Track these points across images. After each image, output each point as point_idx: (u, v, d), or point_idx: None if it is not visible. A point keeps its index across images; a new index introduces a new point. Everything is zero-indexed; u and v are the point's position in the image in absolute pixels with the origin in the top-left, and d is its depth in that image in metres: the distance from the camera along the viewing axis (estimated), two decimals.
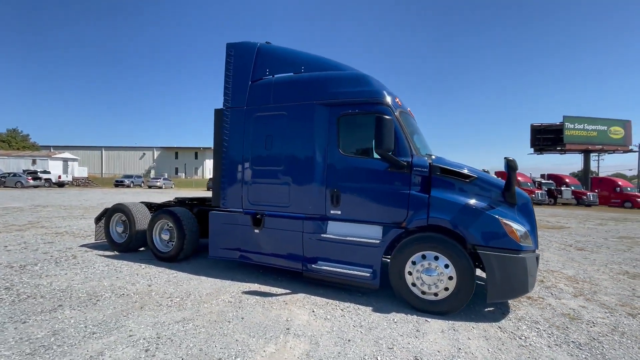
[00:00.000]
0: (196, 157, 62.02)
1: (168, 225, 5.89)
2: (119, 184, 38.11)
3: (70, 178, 37.46)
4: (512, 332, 3.47)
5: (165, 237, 5.87)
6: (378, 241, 4.13)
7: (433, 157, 4.27)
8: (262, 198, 4.93)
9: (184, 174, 59.79)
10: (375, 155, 4.26)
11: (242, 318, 3.59)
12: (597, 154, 48.26)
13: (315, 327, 3.43)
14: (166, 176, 47.71)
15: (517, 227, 3.67)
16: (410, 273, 3.95)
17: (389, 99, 4.31)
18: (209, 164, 63.13)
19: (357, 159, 4.43)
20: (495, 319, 3.82)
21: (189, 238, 5.65)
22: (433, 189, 3.97)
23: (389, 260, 4.19)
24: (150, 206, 6.73)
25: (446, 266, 3.77)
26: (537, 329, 3.58)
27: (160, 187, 37.29)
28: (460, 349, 3.07)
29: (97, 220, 6.81)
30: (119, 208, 6.42)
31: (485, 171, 4.46)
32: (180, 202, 6.76)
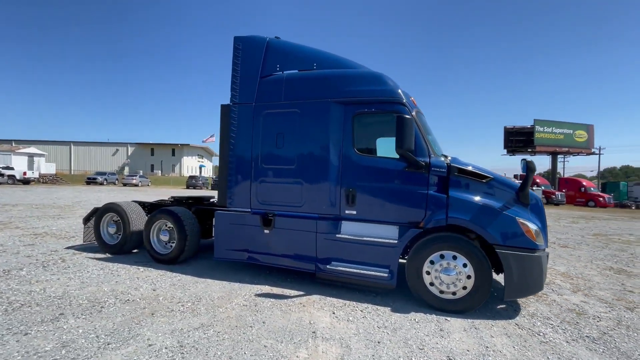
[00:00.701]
0: (173, 154, 59.93)
1: (167, 225, 5.61)
2: (91, 181, 36.00)
3: (36, 175, 35.01)
4: (529, 329, 3.57)
5: (164, 238, 5.59)
6: (396, 241, 4.12)
7: (449, 157, 4.31)
8: (272, 198, 4.79)
9: (160, 172, 57.61)
10: (389, 155, 4.26)
11: (263, 322, 3.46)
12: (563, 156, 51.32)
13: (340, 329, 3.37)
14: (141, 173, 45.77)
15: (533, 227, 3.78)
16: (428, 273, 3.98)
17: (405, 99, 4.31)
18: (186, 162, 61.30)
19: (373, 159, 4.40)
20: (509, 316, 3.92)
21: (191, 239, 5.41)
22: (451, 189, 4.01)
23: (402, 261, 4.20)
24: (143, 205, 6.39)
25: (464, 265, 3.83)
26: (551, 325, 3.71)
27: (136, 185, 35.70)
28: (487, 347, 3.12)
29: (86, 220, 6.38)
30: (111, 207, 6.04)
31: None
32: (177, 201, 6.47)
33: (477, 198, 3.94)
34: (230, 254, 5.04)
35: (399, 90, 4.35)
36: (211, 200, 7.11)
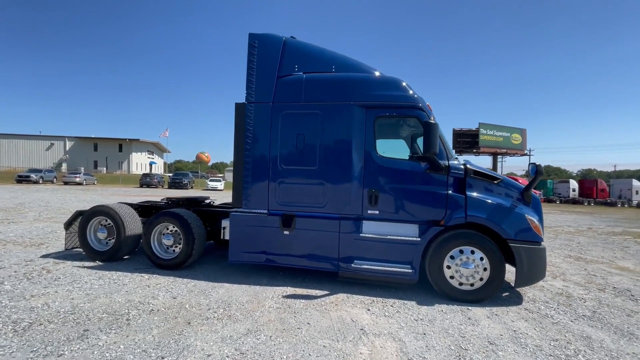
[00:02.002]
0: (120, 150, 54.99)
1: (169, 229, 5.29)
2: (23, 179, 31.41)
3: None
4: (538, 312, 4.06)
5: (168, 242, 5.26)
6: (418, 239, 4.38)
7: (462, 160, 4.68)
8: (293, 198, 4.77)
9: (105, 168, 52.51)
10: (401, 156, 4.55)
11: (307, 323, 3.49)
12: (501, 156, 57.08)
13: (383, 325, 3.53)
14: (83, 171, 41.32)
15: (537, 222, 4.29)
16: (448, 267, 4.31)
17: (423, 104, 4.59)
18: (136, 158, 56.74)
19: (395, 160, 4.61)
20: (516, 302, 4.40)
21: (198, 243, 5.18)
22: (468, 189, 4.37)
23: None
24: (134, 208, 5.92)
25: (481, 259, 4.22)
26: (552, 307, 4.26)
27: (80, 184, 32.12)
28: (515, 330, 3.50)
29: (68, 225, 5.73)
30: (101, 210, 5.51)
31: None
32: (174, 202, 6.11)
33: (490, 198, 4.35)
34: (246, 256, 4.92)
35: (419, 96, 4.61)
36: (206, 201, 6.83)
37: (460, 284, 4.28)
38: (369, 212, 4.57)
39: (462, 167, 4.42)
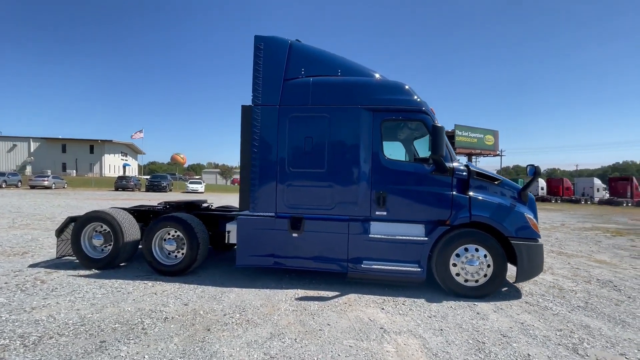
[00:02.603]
0: (92, 152, 52.27)
1: (171, 234, 5.15)
2: None
3: None
4: (538, 305, 4.32)
5: (170, 247, 5.11)
6: (426, 238, 4.54)
7: (464, 162, 4.89)
8: (301, 201, 4.79)
9: (74, 171, 49.69)
10: (402, 158, 4.69)
11: (328, 324, 3.54)
12: (475, 157, 59.56)
13: (401, 323, 3.64)
14: (49, 173, 38.87)
15: (535, 220, 4.57)
16: (454, 265, 4.49)
17: (427, 108, 4.75)
18: (108, 160, 54.21)
19: (402, 163, 4.76)
20: (516, 296, 4.65)
21: (203, 247, 5.08)
22: (471, 190, 4.58)
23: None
24: (130, 212, 5.71)
25: (485, 256, 4.43)
26: (549, 300, 4.54)
27: (49, 188, 30.20)
28: (522, 323, 3.72)
29: (59, 232, 5.43)
30: (96, 216, 5.27)
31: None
32: (172, 207, 5.94)
33: (492, 198, 4.58)
34: (254, 260, 4.88)
35: (423, 101, 4.77)
36: (204, 205, 6.69)
37: (466, 280, 4.47)
38: (377, 213, 4.68)
39: (465, 168, 4.62)
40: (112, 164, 55.40)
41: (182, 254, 5.13)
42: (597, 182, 45.88)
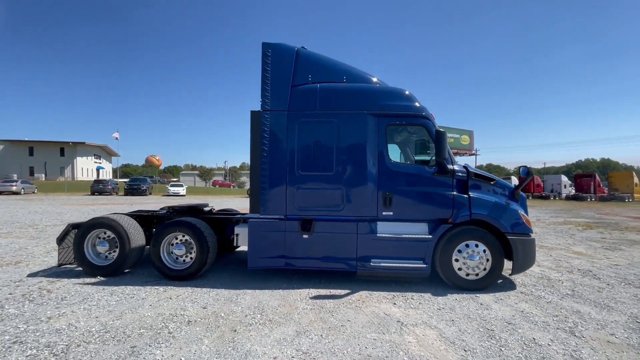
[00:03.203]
0: (62, 154, 49.66)
1: (179, 238, 5.16)
2: None
3: None
4: (532, 294, 4.71)
5: (179, 252, 5.13)
6: (430, 236, 4.82)
7: (462, 164, 5.23)
8: (311, 203, 4.96)
9: (43, 175, 47.03)
10: (402, 160, 4.99)
11: (348, 320, 3.73)
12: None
13: (415, 316, 3.88)
14: (16, 178, 36.57)
15: (527, 217, 4.97)
16: (457, 260, 4.80)
17: (427, 113, 5.05)
18: (81, 163, 51.72)
19: (406, 165, 5.02)
20: (511, 287, 5.03)
21: (212, 251, 5.13)
22: (470, 190, 4.91)
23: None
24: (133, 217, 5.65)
25: (484, 251, 4.77)
26: (541, 289, 4.95)
27: (17, 193, 28.46)
28: (522, 311, 4.07)
29: (61, 240, 5.29)
30: (101, 222, 5.19)
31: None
32: (178, 211, 5.93)
33: (489, 197, 4.94)
34: (265, 262, 4.99)
35: (422, 106, 5.07)
36: (205, 209, 6.70)
37: (467, 274, 4.80)
38: (384, 213, 4.92)
39: (464, 170, 4.95)
40: (85, 167, 52.91)
41: (191, 258, 5.16)
42: (564, 179, 48.82)
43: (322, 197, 4.97)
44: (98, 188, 29.87)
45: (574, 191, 45.34)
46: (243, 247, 5.49)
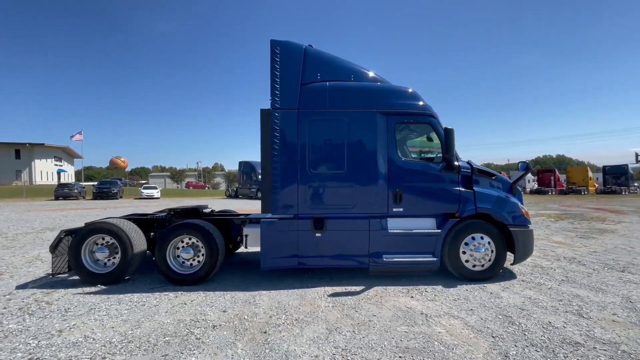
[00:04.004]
0: (18, 157, 45.73)
1: (185, 242, 4.98)
2: None
3: None
4: (533, 282, 5.02)
5: (187, 255, 4.95)
6: (439, 230, 5.00)
7: (465, 160, 5.45)
8: (323, 201, 4.97)
9: None
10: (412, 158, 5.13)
11: (374, 316, 3.79)
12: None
13: (435, 308, 4.01)
14: None
15: (526, 209, 5.29)
16: (464, 252, 5.01)
17: (432, 112, 5.22)
18: (40, 166, 47.97)
19: (415, 162, 5.17)
20: (512, 277, 5.33)
21: (221, 254, 5.00)
22: (474, 185, 5.15)
23: None
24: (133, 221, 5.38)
25: (489, 243, 5.02)
26: (538, 277, 5.29)
27: None
28: (530, 298, 4.33)
29: (54, 248, 4.90)
30: (101, 227, 4.88)
31: None
32: (181, 213, 5.70)
33: (491, 191, 5.20)
34: (278, 262, 4.94)
35: (428, 105, 5.23)
36: (205, 210, 6.50)
37: (474, 265, 5.02)
38: (394, 209, 5.03)
39: (469, 166, 5.18)
40: (45, 170, 49.11)
41: (199, 261, 4.99)
42: (528, 174, 52.10)
43: (334, 195, 5.00)
44: (63, 192, 27.78)
45: (536, 185, 48.51)
46: (248, 249, 5.38)
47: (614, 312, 3.86)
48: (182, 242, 5.02)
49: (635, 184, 39.26)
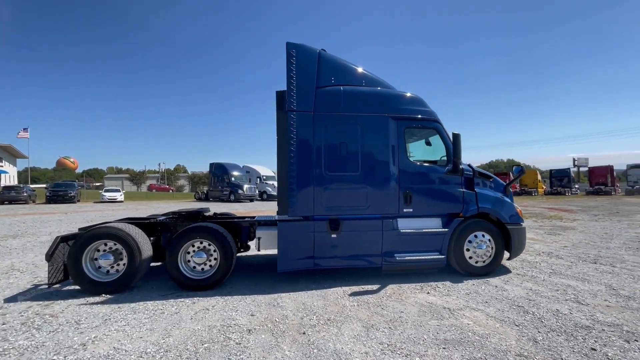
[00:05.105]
0: None
1: (197, 246, 4.82)
2: None
3: None
4: (527, 275, 5.50)
5: (199, 260, 4.78)
6: (446, 229, 5.31)
7: (466, 163, 5.83)
8: (339, 203, 5.06)
9: None
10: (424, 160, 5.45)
11: (401, 312, 3.95)
12: None
13: (454, 302, 4.27)
14: None
15: (519, 208, 5.78)
16: (468, 250, 5.37)
17: (437, 117, 5.55)
18: None
19: (423, 165, 5.43)
20: (506, 271, 5.78)
21: (235, 257, 4.90)
22: (476, 187, 5.53)
23: None
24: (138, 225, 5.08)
25: (489, 240, 5.42)
26: (530, 270, 5.79)
27: None
28: (530, 289, 4.75)
29: (50, 256, 4.48)
30: (106, 233, 4.56)
31: None
32: (187, 217, 5.47)
33: (490, 192, 5.62)
34: (295, 264, 4.94)
35: (433, 110, 5.55)
36: (206, 214, 6.28)
37: (477, 262, 5.39)
38: (405, 210, 5.26)
39: (470, 169, 5.56)
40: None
41: (210, 266, 4.85)
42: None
43: (349, 196, 5.11)
44: (9, 196, 24.83)
45: None
46: (260, 251, 5.32)
47: (604, 298, 4.36)
48: (193, 246, 4.84)
49: (577, 186, 43.66)
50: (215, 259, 4.85)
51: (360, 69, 5.51)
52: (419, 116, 5.41)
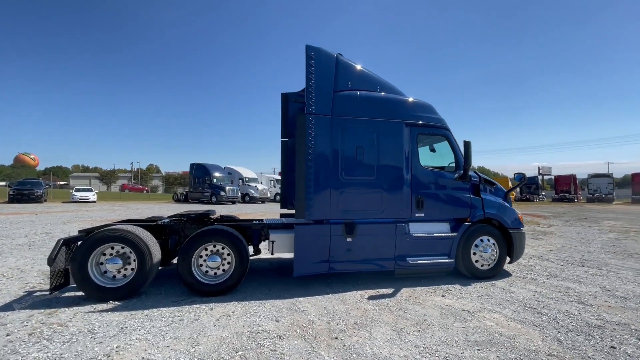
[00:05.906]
0: None
1: (210, 249, 4.67)
2: None
3: None
4: (527, 278, 5.77)
5: (213, 264, 4.63)
6: (455, 234, 5.47)
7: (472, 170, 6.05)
8: (355, 206, 5.08)
9: None
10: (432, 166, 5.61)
11: (424, 315, 4.02)
12: None
13: (470, 305, 4.40)
14: None
15: (520, 214, 6.07)
16: (474, 253, 5.56)
17: (446, 124, 5.73)
18: None
19: (433, 171, 5.58)
20: (508, 275, 6.03)
21: (248, 261, 4.79)
22: (482, 193, 5.76)
23: None
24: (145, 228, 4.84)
25: (494, 244, 5.65)
26: (528, 273, 6.08)
27: None
28: (535, 291, 4.99)
29: (52, 260, 4.15)
30: (115, 235, 4.30)
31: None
32: (195, 219, 5.27)
33: (494, 198, 5.87)
34: (312, 267, 4.90)
35: (442, 118, 5.73)
36: (212, 216, 6.10)
37: (482, 265, 5.60)
38: (416, 214, 5.38)
39: (476, 175, 5.78)
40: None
41: (224, 270, 4.71)
42: None
43: (365, 200, 5.15)
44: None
45: None
46: (275, 255, 5.23)
47: (605, 299, 4.67)
48: (206, 249, 4.68)
49: (543, 193, 46.40)
50: (228, 262, 4.72)
51: (375, 75, 5.59)
52: (431, 123, 5.56)
